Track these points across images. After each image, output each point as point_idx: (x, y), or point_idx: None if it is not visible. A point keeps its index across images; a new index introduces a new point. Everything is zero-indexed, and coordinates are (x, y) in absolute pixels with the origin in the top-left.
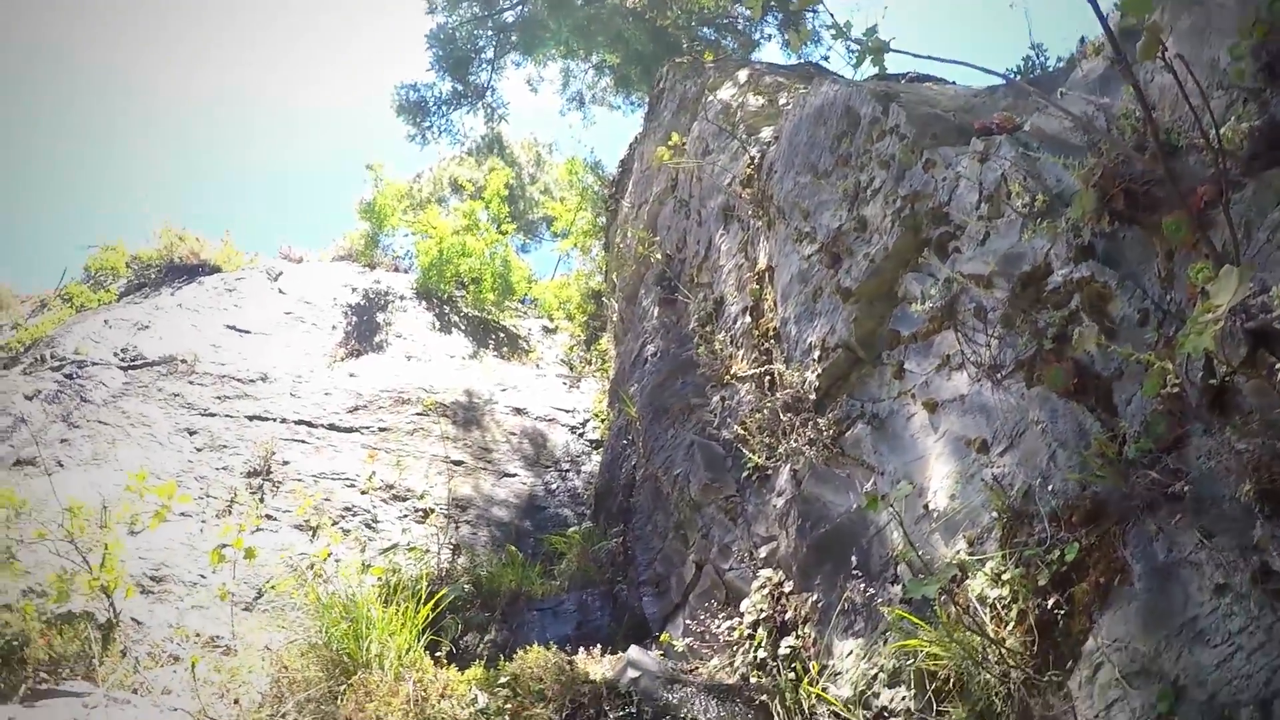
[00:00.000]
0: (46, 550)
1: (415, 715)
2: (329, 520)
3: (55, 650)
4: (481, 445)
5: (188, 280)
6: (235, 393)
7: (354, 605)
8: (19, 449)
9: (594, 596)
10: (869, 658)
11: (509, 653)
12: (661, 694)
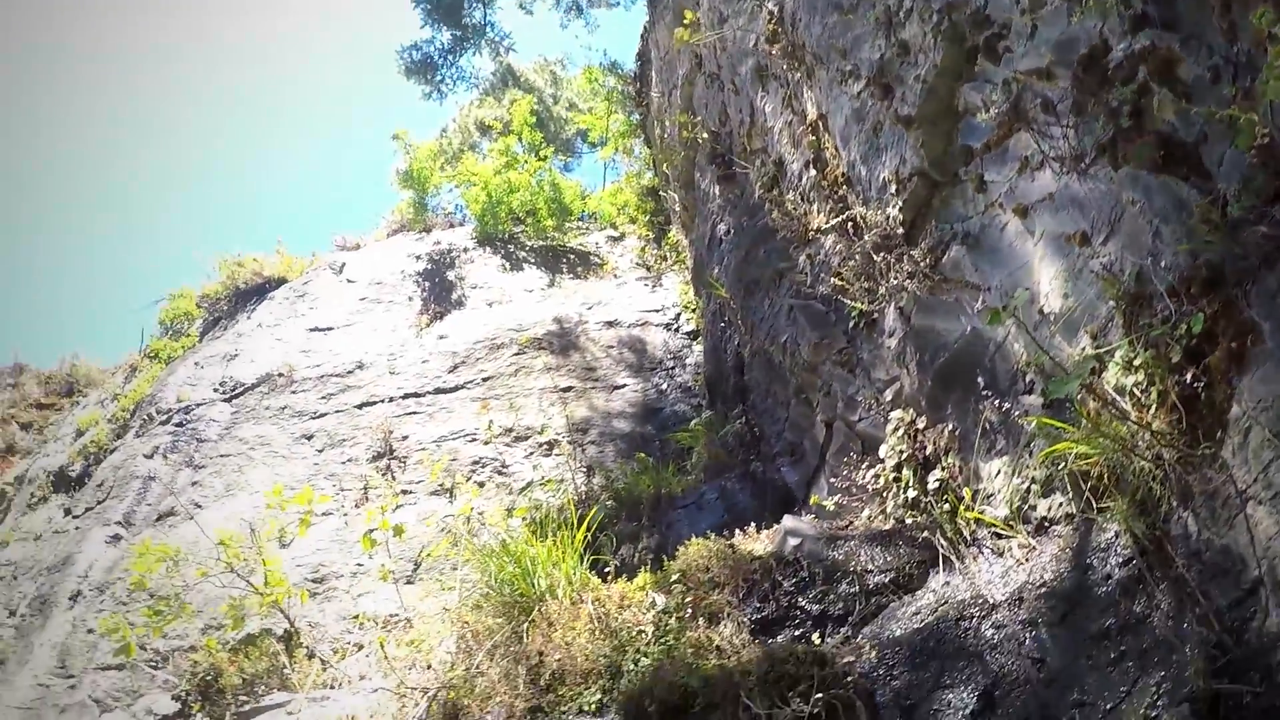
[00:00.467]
0: (212, 586)
1: (600, 631)
2: (462, 478)
3: (246, 672)
4: (584, 366)
5: (259, 300)
6: (338, 388)
7: (513, 548)
8: (156, 505)
9: (732, 481)
10: (1018, 473)
11: (667, 553)
12: (826, 553)
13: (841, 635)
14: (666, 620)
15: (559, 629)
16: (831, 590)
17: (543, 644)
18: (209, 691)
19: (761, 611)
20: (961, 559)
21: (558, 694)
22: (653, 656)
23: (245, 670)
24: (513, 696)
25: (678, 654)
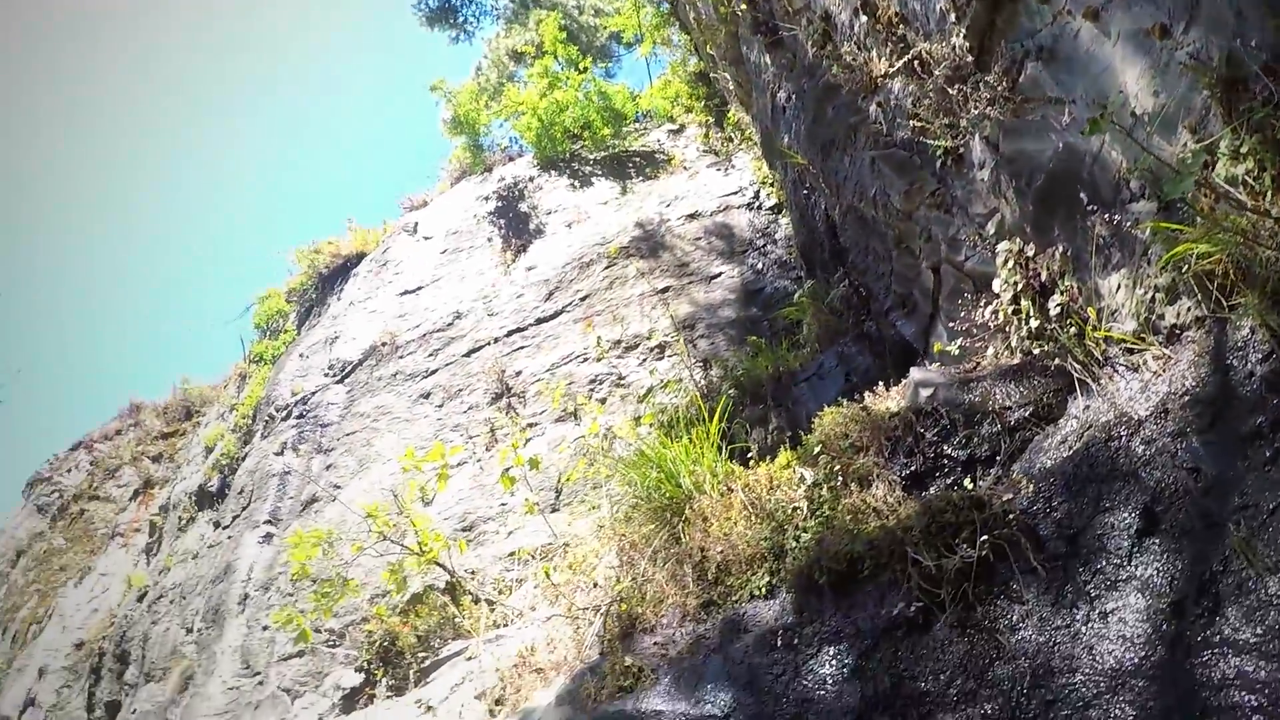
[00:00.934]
0: (369, 558)
1: (756, 516)
2: (583, 399)
3: (420, 630)
4: (677, 264)
5: (343, 279)
6: (441, 342)
7: (652, 454)
8: (298, 496)
9: (847, 345)
10: (1139, 284)
11: (800, 429)
12: (961, 397)
13: (993, 476)
14: (818, 492)
15: (714, 522)
16: (974, 433)
17: (702, 540)
18: (388, 656)
19: (909, 467)
20: (1097, 380)
21: (726, 585)
22: (812, 530)
23: (418, 628)
24: (683, 596)
25: (837, 523)
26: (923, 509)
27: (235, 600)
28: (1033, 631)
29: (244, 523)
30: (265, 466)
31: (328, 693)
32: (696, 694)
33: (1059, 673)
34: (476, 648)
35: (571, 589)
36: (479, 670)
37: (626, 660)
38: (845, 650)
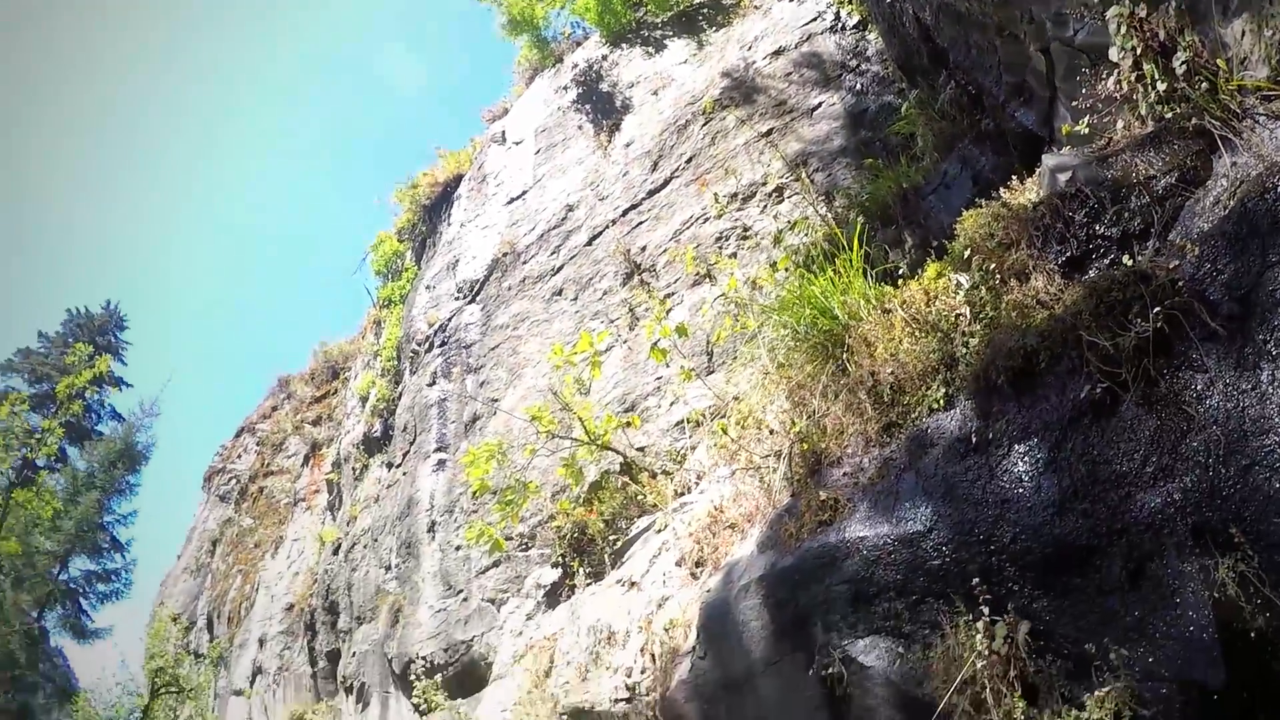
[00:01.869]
0: (542, 459)
1: (920, 330)
2: (714, 258)
3: (605, 515)
4: (774, 104)
5: (448, 205)
6: (560, 238)
7: (799, 294)
8: (460, 419)
9: (967, 148)
10: (1266, 24)
11: (939, 240)
12: (1102, 174)
13: (1151, 248)
14: (977, 295)
15: (879, 345)
16: (1123, 208)
17: (870, 365)
18: (581, 546)
19: (1064, 253)
20: (1239, 134)
21: (903, 404)
22: (980, 334)
23: (604, 514)
24: (863, 423)
25: (1003, 321)
26: (1087, 292)
27: (424, 529)
28: (1219, 398)
29: (415, 457)
30: (421, 399)
31: (530, 593)
32: (895, 514)
33: (1252, 436)
34: (664, 519)
35: (747, 442)
36: (673, 539)
37: (820, 495)
38: (1036, 445)
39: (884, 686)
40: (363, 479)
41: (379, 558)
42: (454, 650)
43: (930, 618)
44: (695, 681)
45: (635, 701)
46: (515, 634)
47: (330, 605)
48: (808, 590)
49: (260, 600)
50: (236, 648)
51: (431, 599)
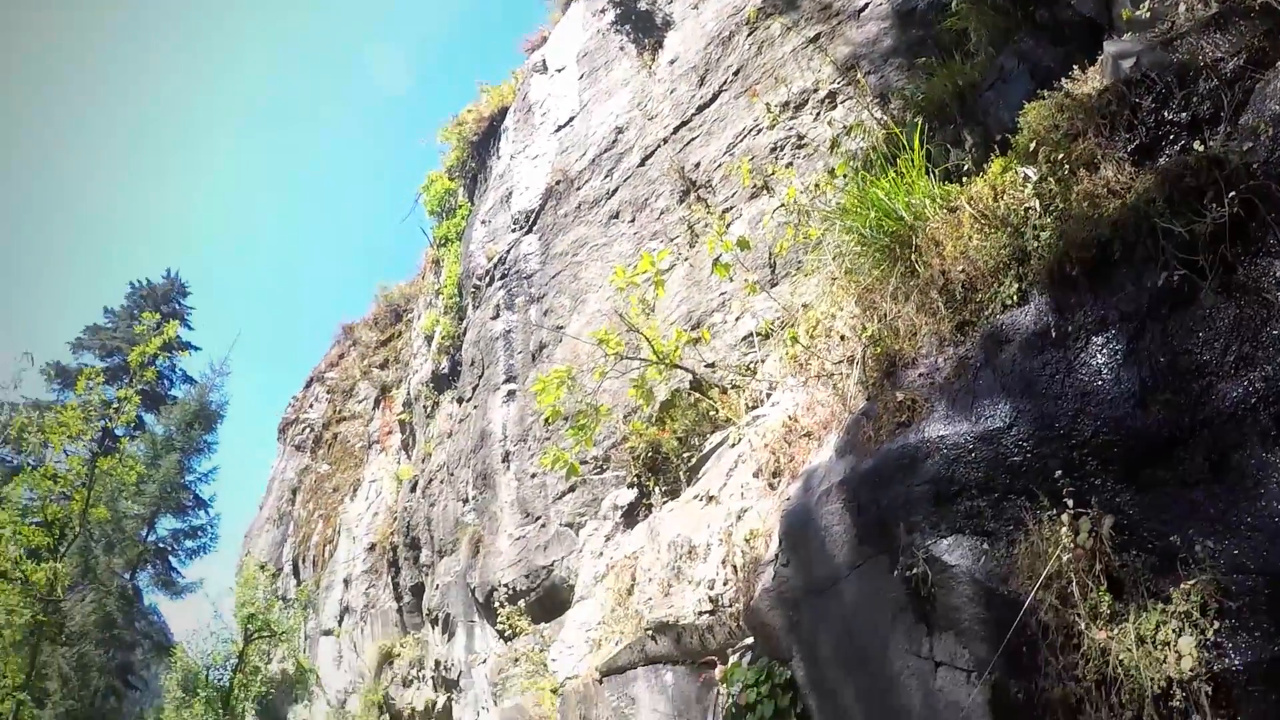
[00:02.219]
0: (612, 381)
1: (989, 226)
2: (770, 169)
3: (679, 433)
4: (819, 8)
5: (495, 139)
6: (612, 160)
7: (861, 197)
8: (526, 349)
9: (1023, 40)
10: None
11: (1001, 134)
12: (1168, 58)
13: (1222, 133)
14: (1046, 188)
15: (948, 243)
16: (1191, 92)
17: (939, 264)
18: (655, 465)
19: (1132, 141)
20: None
21: (975, 302)
22: (1051, 226)
23: (677, 432)
24: (935, 323)
25: (1074, 212)
26: (1159, 179)
27: (498, 460)
28: None
29: (484, 390)
30: (487, 333)
31: (607, 515)
32: (974, 412)
33: None
34: (738, 432)
35: (818, 350)
36: (748, 451)
37: (896, 397)
38: (1114, 336)
39: (969, 585)
40: (434, 416)
41: (456, 491)
42: (535, 576)
43: (1013, 514)
44: (778, 589)
45: (719, 613)
46: (595, 556)
47: (411, 541)
48: (888, 492)
49: (342, 542)
50: (323, 590)
51: (510, 527)
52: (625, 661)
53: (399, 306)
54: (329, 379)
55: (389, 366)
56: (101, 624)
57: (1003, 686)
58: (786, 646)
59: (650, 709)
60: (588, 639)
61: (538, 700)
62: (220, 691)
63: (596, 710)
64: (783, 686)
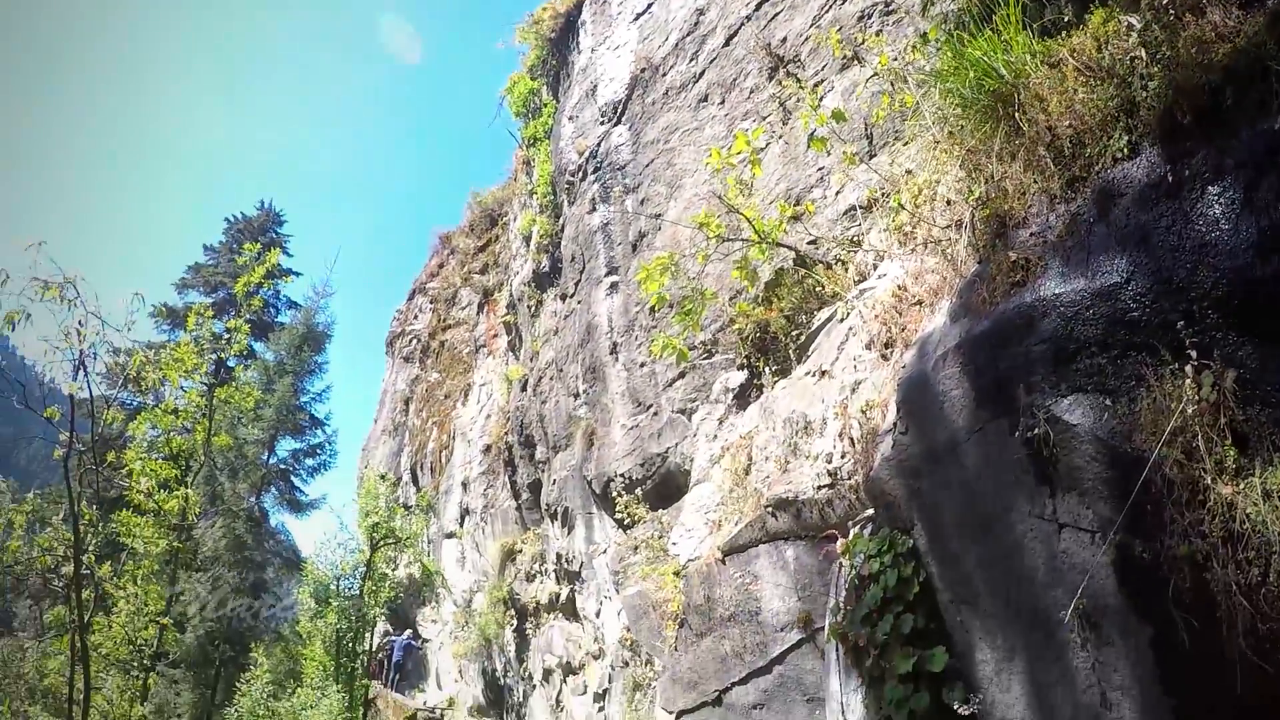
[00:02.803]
0: (714, 265)
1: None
2: (859, 37)
3: (785, 310)
4: None
5: (573, 34)
6: (695, 44)
7: (960, 56)
8: (625, 240)
9: None
10: None
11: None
12: None
13: None
14: (1152, 35)
15: (1052, 98)
16: None
17: (1045, 120)
18: (764, 345)
19: None
20: None
21: (1084, 157)
22: (1159, 75)
23: (784, 310)
24: (1044, 181)
25: (1183, 59)
26: (1270, 20)
27: (606, 352)
28: None
29: (587, 284)
30: (584, 227)
31: (719, 398)
32: (1090, 268)
33: None
34: (846, 306)
35: (924, 216)
36: (859, 323)
37: (1009, 257)
38: (1230, 185)
39: (1091, 444)
40: (539, 315)
41: (566, 386)
42: (650, 464)
43: (1134, 371)
44: (898, 458)
45: (838, 486)
46: (709, 439)
47: (526, 439)
48: (1006, 353)
49: (458, 447)
50: (442, 494)
51: (622, 418)
52: (746, 540)
53: (493, 211)
54: (431, 289)
55: (489, 271)
56: (233, 547)
57: (1128, 546)
58: (907, 516)
59: (773, 584)
60: (707, 521)
61: (660, 585)
62: (351, 599)
63: (719, 589)
64: (905, 556)
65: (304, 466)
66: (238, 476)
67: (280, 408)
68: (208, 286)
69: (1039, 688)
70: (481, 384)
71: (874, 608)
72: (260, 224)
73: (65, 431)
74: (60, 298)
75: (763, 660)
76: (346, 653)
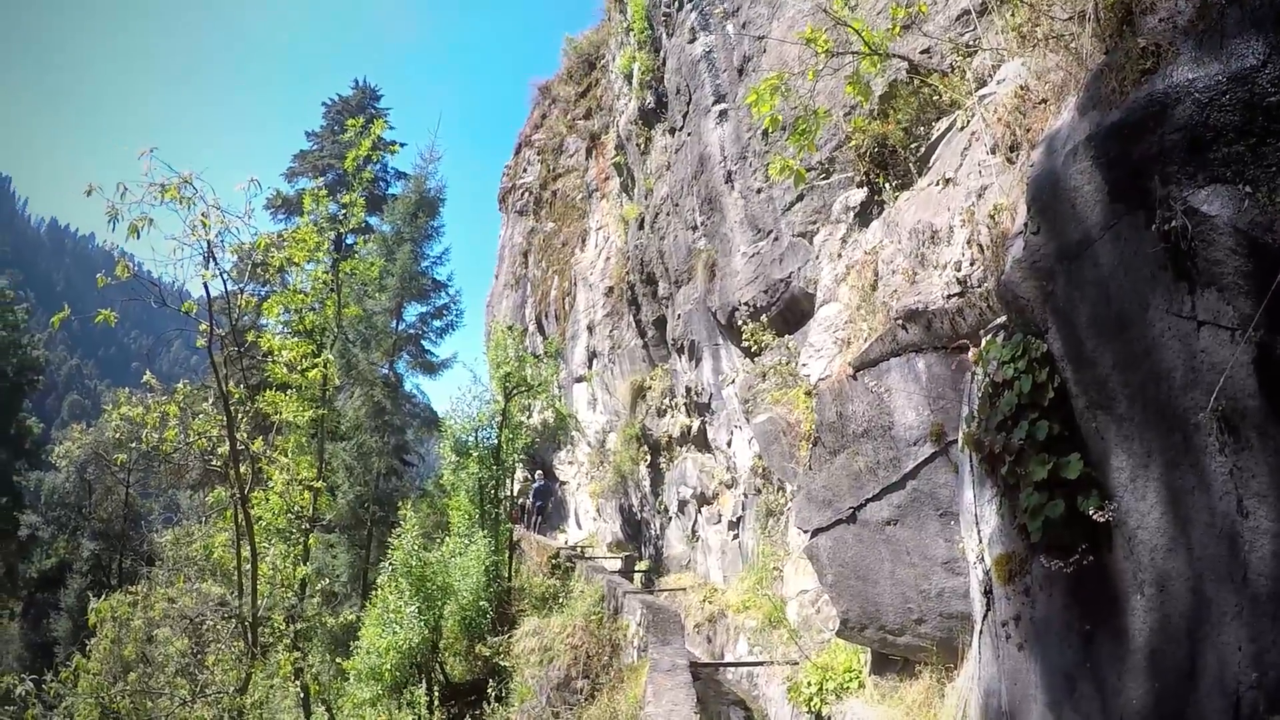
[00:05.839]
0: (825, 80)
1: None
2: None
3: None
4: None
5: None
6: None
7: None
8: (730, 65)
9: None
10: None
11: None
12: None
13: None
14: None
15: None
16: None
17: None
18: (882, 160)
19: None
20: None
21: None
22: None
23: (901, 122)
24: None
25: None
26: None
27: (721, 181)
28: None
29: (695, 115)
30: (687, 58)
31: (839, 218)
32: (1224, 51)
33: None
34: (966, 113)
35: (1044, 11)
36: (981, 129)
37: (1139, 44)
38: None
39: (1230, 236)
40: (648, 152)
41: (684, 220)
42: (773, 290)
43: (1274, 159)
44: (1030, 260)
45: (968, 294)
46: (833, 259)
47: (647, 277)
48: (1139, 144)
49: (580, 292)
50: (568, 340)
51: (743, 246)
52: (876, 354)
53: (589, 55)
54: (536, 141)
55: (592, 116)
56: (372, 413)
57: (1268, 345)
58: (1040, 319)
59: (905, 397)
60: (835, 340)
61: (790, 408)
62: (490, 448)
63: (851, 405)
64: (1039, 360)
65: (432, 329)
66: (370, 346)
67: (403, 275)
68: (315, 171)
69: (1174, 494)
70: (597, 228)
71: (1008, 415)
72: (358, 102)
73: (204, 322)
74: (180, 197)
75: (896, 475)
76: (489, 500)
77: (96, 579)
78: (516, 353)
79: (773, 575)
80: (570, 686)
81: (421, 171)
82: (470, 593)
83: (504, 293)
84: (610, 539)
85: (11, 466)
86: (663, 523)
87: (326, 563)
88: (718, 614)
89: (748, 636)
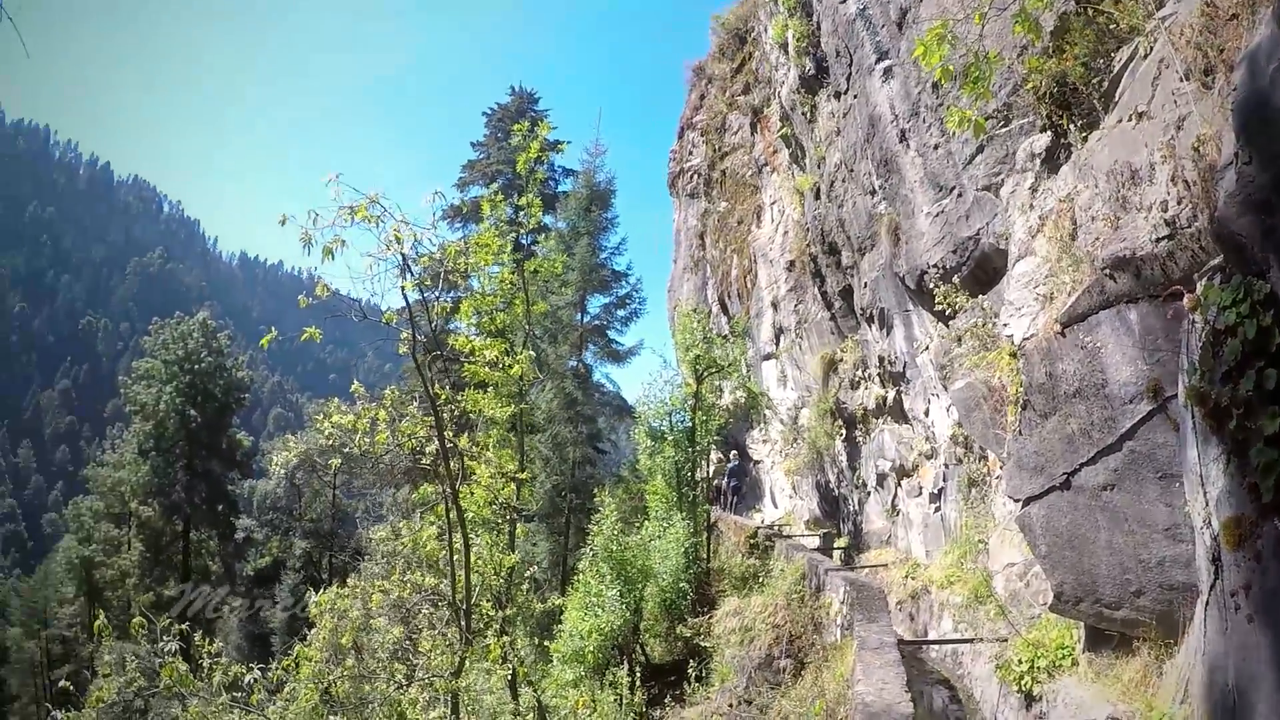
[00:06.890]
0: (991, 25)
1: None
2: None
3: (1080, 57)
4: None
5: None
6: None
7: None
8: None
9: None
10: None
11: None
12: None
13: None
14: None
15: None
16: None
17: None
18: (1064, 100)
19: None
20: None
21: None
22: None
23: (1079, 57)
24: None
25: None
26: None
27: (895, 141)
28: None
29: (859, 76)
30: (842, 18)
31: (1025, 166)
32: None
33: None
34: (1147, 39)
35: None
36: (1170, 53)
37: None
38: None
39: None
40: (815, 120)
41: (860, 185)
42: (962, 249)
43: None
44: (1243, 192)
45: (1178, 236)
46: (1023, 211)
47: (829, 247)
48: None
49: (760, 269)
50: (753, 318)
51: (925, 206)
52: (1084, 307)
53: (739, 30)
54: (698, 123)
55: (751, 90)
56: (565, 405)
57: None
58: (1261, 257)
59: (1118, 351)
60: (1036, 296)
61: (991, 371)
62: (684, 431)
63: (1061, 364)
64: (1262, 303)
65: (616, 318)
66: (557, 340)
67: (583, 269)
68: (485, 178)
69: None
70: (772, 202)
71: (1233, 364)
72: (517, 107)
73: (405, 330)
74: (369, 217)
75: (1112, 437)
76: (686, 483)
77: (309, 575)
78: (704, 335)
79: (977, 548)
80: (772, 666)
81: (589, 166)
82: (670, 575)
83: (683, 276)
84: (807, 516)
85: (225, 477)
86: (861, 497)
87: (527, 550)
88: (920, 590)
89: (952, 613)
